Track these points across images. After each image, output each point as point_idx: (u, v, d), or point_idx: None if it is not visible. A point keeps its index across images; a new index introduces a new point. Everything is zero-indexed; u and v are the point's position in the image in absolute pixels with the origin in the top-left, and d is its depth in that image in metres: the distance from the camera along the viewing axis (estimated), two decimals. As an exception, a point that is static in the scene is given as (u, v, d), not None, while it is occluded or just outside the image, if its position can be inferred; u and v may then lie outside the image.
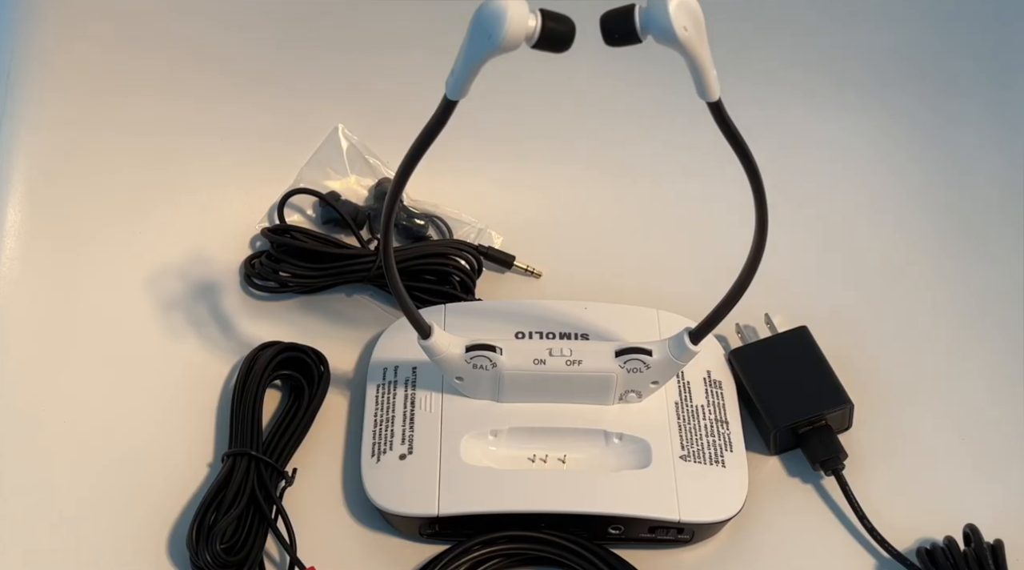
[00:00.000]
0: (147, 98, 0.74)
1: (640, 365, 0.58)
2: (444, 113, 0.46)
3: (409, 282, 0.66)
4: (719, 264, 0.57)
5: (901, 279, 0.72)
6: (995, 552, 0.57)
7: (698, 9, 0.43)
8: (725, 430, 0.61)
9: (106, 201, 0.71)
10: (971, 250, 0.73)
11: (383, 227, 0.51)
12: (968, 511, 0.60)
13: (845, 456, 0.61)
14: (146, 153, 0.73)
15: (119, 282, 0.68)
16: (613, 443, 0.60)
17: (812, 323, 0.65)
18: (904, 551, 0.59)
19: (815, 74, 0.78)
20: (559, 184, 0.75)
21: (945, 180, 0.76)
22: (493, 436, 0.60)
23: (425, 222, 0.71)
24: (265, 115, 0.75)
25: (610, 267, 0.72)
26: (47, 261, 0.69)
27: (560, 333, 0.64)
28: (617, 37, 0.44)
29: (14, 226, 0.69)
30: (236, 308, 0.68)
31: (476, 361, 0.58)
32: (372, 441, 0.60)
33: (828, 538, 0.61)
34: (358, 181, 0.74)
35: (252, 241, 0.71)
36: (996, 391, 0.67)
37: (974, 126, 0.77)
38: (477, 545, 0.58)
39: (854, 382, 0.63)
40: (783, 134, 0.77)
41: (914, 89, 0.78)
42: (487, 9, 0.43)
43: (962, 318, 0.70)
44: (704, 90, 0.45)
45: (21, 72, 0.71)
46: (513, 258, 0.71)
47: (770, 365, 0.64)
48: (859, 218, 0.75)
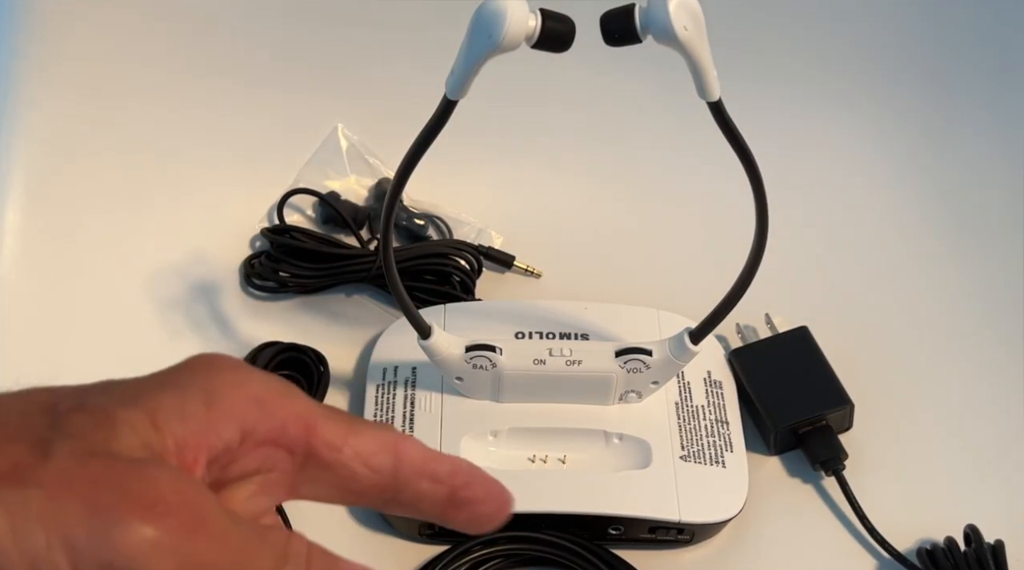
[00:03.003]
0: (147, 98, 0.74)
1: (640, 365, 0.58)
2: (444, 113, 0.46)
3: (409, 282, 0.66)
4: (719, 264, 0.57)
5: (901, 279, 0.72)
6: (995, 552, 0.57)
7: (698, 9, 0.43)
8: (725, 430, 0.61)
9: (106, 201, 0.71)
10: (971, 250, 0.73)
11: (383, 227, 0.51)
12: (968, 511, 0.60)
13: (845, 456, 0.61)
14: (146, 153, 0.73)
15: (119, 282, 0.68)
16: (613, 443, 0.60)
17: (812, 323, 0.65)
18: (904, 551, 0.59)
19: (815, 74, 0.78)
20: (559, 184, 0.75)
21: (946, 180, 0.76)
22: (493, 436, 0.60)
23: (425, 222, 0.71)
24: (265, 115, 0.75)
25: (610, 267, 0.72)
26: (47, 261, 0.69)
27: (560, 333, 0.64)
28: (617, 37, 0.44)
29: (14, 226, 0.69)
30: (236, 308, 0.68)
31: (476, 361, 0.58)
32: (372, 441, 0.60)
33: (828, 538, 0.61)
34: (358, 181, 0.74)
35: (252, 241, 0.71)
36: (997, 391, 0.67)
37: (974, 126, 0.77)
38: (477, 545, 0.58)
39: (854, 382, 0.63)
40: (783, 134, 0.76)
41: (914, 89, 0.78)
42: (487, 9, 0.43)
43: (962, 318, 0.70)
44: (704, 90, 0.45)
45: (21, 72, 0.71)
46: (513, 258, 0.71)
47: (770, 365, 0.64)
48: (859, 218, 0.75)
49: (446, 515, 0.29)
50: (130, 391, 0.26)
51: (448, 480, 0.29)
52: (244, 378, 0.27)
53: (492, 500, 0.30)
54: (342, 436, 0.28)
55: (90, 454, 0.24)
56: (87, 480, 0.23)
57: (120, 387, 0.26)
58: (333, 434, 0.28)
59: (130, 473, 0.24)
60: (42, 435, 0.24)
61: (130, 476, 0.24)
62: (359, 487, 0.28)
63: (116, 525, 0.23)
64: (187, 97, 0.74)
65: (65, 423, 0.25)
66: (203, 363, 0.28)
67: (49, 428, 0.24)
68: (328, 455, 0.28)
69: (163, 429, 0.25)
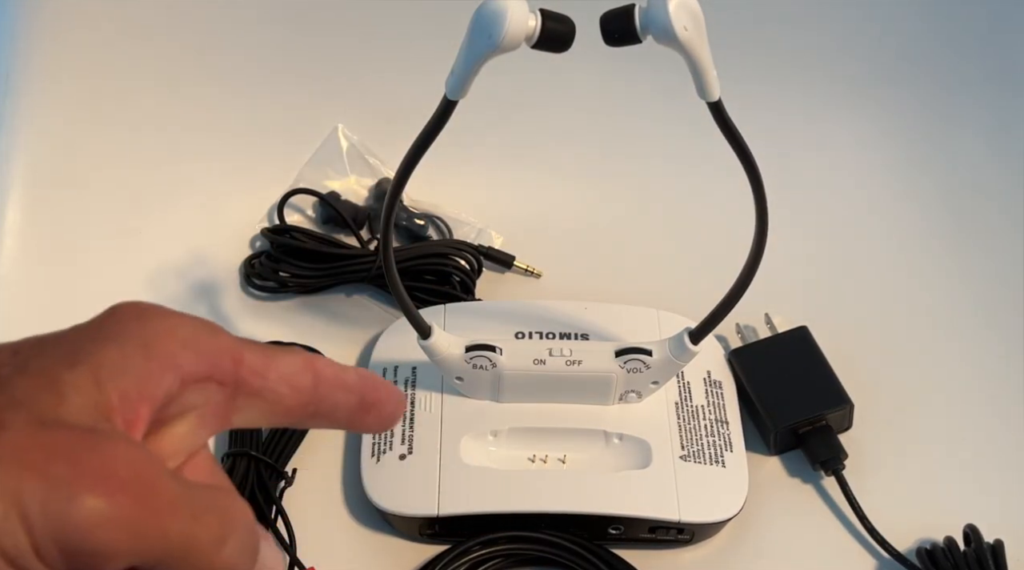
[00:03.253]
0: (147, 98, 0.74)
1: (640, 365, 0.58)
2: (444, 113, 0.46)
3: (409, 282, 0.66)
4: (719, 264, 0.56)
5: (901, 279, 0.72)
6: (995, 552, 0.57)
7: (698, 9, 0.43)
8: (725, 430, 0.61)
9: (106, 201, 0.71)
10: (971, 250, 0.73)
11: (383, 227, 0.51)
12: (968, 511, 0.60)
13: (845, 456, 0.61)
14: (146, 153, 0.73)
15: (119, 282, 0.68)
16: (613, 443, 0.60)
17: (812, 323, 0.65)
18: (904, 551, 0.59)
19: (816, 74, 0.78)
20: (559, 184, 0.75)
21: (946, 180, 0.76)
22: (493, 436, 0.60)
23: (425, 222, 0.71)
24: (265, 115, 0.75)
25: (610, 267, 0.72)
26: (47, 261, 0.69)
27: (560, 333, 0.64)
28: (617, 37, 0.44)
29: (14, 226, 0.69)
30: (236, 308, 0.68)
31: (476, 361, 0.58)
32: (372, 441, 0.60)
33: (828, 538, 0.61)
34: (358, 181, 0.74)
35: (252, 241, 0.71)
36: (996, 391, 0.67)
37: (974, 127, 0.77)
38: (477, 545, 0.58)
39: (854, 382, 0.63)
40: (783, 134, 0.76)
41: (914, 89, 0.78)
42: (487, 9, 0.43)
43: (962, 317, 0.70)
44: (704, 90, 0.45)
45: (21, 72, 0.71)
46: (513, 258, 0.71)
47: (770, 365, 0.64)
48: (859, 218, 0.75)
49: (356, 419, 0.32)
50: (67, 348, 0.27)
51: (357, 388, 0.31)
52: (174, 323, 0.29)
53: (393, 400, 0.32)
54: (265, 363, 0.30)
55: (41, 424, 0.25)
56: (41, 452, 0.24)
57: (54, 345, 0.27)
58: (258, 362, 0.30)
59: (82, 445, 0.25)
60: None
61: (82, 448, 0.24)
62: (285, 407, 0.30)
63: (70, 499, 0.24)
64: (188, 97, 0.74)
65: (11, 387, 0.25)
66: (130, 312, 0.29)
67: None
68: (256, 382, 0.30)
69: (106, 385, 0.26)
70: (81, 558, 0.24)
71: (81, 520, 0.24)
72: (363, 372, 0.32)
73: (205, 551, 0.26)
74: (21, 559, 0.24)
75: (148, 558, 0.25)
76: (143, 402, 0.27)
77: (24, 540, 0.23)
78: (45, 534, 0.23)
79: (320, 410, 0.31)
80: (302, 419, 0.31)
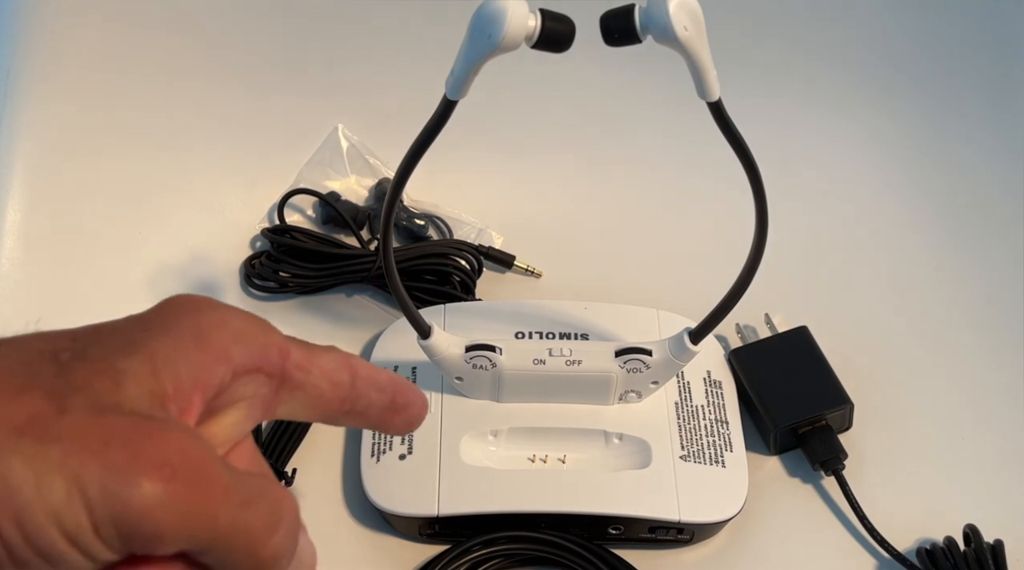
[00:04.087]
0: (147, 99, 0.74)
1: (640, 365, 0.58)
2: (444, 113, 0.46)
3: (409, 282, 0.66)
4: (719, 264, 0.57)
5: (901, 279, 0.72)
6: (995, 552, 0.57)
7: (698, 9, 0.43)
8: (725, 430, 0.61)
9: (106, 201, 0.71)
10: (971, 249, 0.73)
11: (383, 227, 0.51)
12: (968, 511, 0.60)
13: (845, 456, 0.61)
14: (146, 153, 0.73)
15: (119, 282, 0.68)
16: (613, 443, 0.60)
17: (812, 323, 0.65)
18: (904, 551, 0.59)
19: (816, 74, 0.78)
20: (559, 184, 0.75)
21: (945, 180, 0.76)
22: (493, 436, 0.60)
23: (425, 222, 0.71)
24: (265, 115, 0.75)
25: (610, 267, 0.72)
26: (47, 261, 0.69)
27: (560, 333, 0.64)
28: (617, 37, 0.44)
29: (14, 226, 0.69)
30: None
31: (476, 361, 0.58)
32: (372, 441, 0.60)
33: (828, 538, 0.61)
34: (358, 181, 0.74)
35: (252, 241, 0.71)
36: (996, 391, 0.67)
37: (974, 127, 0.77)
38: (477, 545, 0.58)
39: (854, 382, 0.63)
40: (783, 134, 0.77)
41: (914, 89, 0.78)
42: (487, 9, 0.43)
43: (962, 317, 0.70)
44: (704, 90, 0.45)
45: (21, 72, 0.71)
46: (513, 258, 0.71)
47: (770, 365, 0.64)
48: (859, 218, 0.75)
49: (385, 419, 0.34)
50: (123, 337, 0.28)
51: (389, 388, 0.33)
52: (225, 316, 0.30)
53: (419, 403, 0.34)
54: (308, 359, 0.31)
55: (101, 410, 0.26)
56: (101, 437, 0.25)
57: (111, 334, 0.28)
58: (302, 358, 0.31)
59: (139, 432, 0.26)
60: (53, 386, 0.26)
61: (139, 435, 0.25)
62: (325, 401, 0.32)
63: (127, 484, 0.25)
64: (188, 97, 0.75)
65: (71, 374, 0.26)
66: (184, 305, 0.30)
67: (57, 377, 0.26)
68: (299, 377, 0.31)
69: (161, 374, 0.27)
70: (136, 539, 0.25)
71: (137, 504, 0.25)
72: (393, 375, 0.34)
73: (255, 538, 0.27)
74: (81, 537, 0.25)
75: (199, 543, 0.26)
76: (196, 391, 0.28)
77: (85, 519, 0.24)
78: (104, 515, 0.25)
79: (355, 407, 0.33)
80: (338, 415, 0.33)
